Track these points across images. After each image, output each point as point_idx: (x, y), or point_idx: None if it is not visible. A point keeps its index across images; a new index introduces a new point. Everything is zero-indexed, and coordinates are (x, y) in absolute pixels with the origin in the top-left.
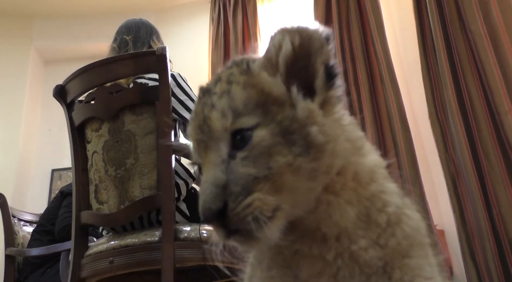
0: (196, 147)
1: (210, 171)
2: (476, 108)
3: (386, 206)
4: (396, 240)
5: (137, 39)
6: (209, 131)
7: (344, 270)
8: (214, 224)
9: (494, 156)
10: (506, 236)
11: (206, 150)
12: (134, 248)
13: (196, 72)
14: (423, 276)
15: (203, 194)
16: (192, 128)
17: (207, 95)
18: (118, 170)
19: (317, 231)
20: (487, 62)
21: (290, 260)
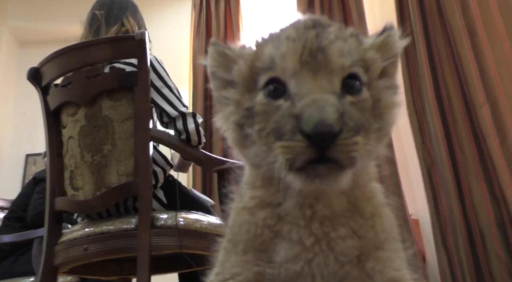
0: (293, 64)
1: (324, 94)
2: (452, 101)
3: (373, 198)
4: (375, 232)
5: (109, 15)
6: (324, 60)
7: (319, 257)
8: (318, 142)
9: (468, 148)
10: (477, 225)
11: (315, 74)
12: (110, 235)
13: (177, 58)
14: (393, 267)
15: (323, 109)
16: (295, 49)
17: (320, 27)
18: (95, 156)
19: (309, 209)
20: (464, 56)
21: (268, 243)
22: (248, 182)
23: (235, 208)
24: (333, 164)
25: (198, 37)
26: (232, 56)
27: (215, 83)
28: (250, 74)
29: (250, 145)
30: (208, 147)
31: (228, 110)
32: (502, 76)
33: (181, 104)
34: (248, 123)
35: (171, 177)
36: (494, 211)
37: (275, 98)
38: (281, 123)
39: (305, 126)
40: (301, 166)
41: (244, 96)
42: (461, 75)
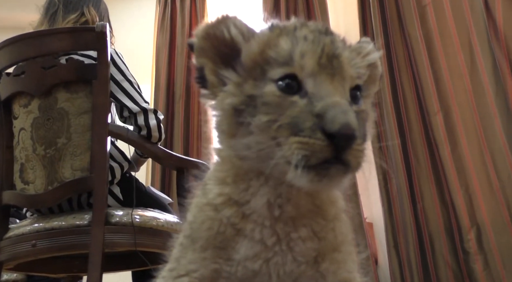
0: (313, 65)
1: (344, 100)
2: (409, 108)
3: (336, 202)
4: (334, 234)
5: (68, 1)
6: (339, 67)
7: (278, 256)
8: (340, 143)
9: (422, 154)
10: (427, 230)
11: (332, 78)
12: (61, 231)
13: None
14: (345, 269)
15: (348, 113)
16: (314, 51)
17: (332, 35)
18: (48, 149)
19: (278, 209)
20: (421, 65)
21: (229, 241)
22: (215, 177)
23: (197, 203)
24: (342, 166)
25: (162, 33)
26: (237, 35)
27: (204, 61)
28: (260, 60)
29: (242, 134)
30: (169, 144)
31: (226, 91)
32: (455, 86)
33: (142, 100)
34: (248, 112)
35: (128, 173)
36: (443, 216)
37: (289, 93)
38: (299, 119)
39: (330, 125)
40: (315, 164)
41: (247, 81)
42: (418, 84)
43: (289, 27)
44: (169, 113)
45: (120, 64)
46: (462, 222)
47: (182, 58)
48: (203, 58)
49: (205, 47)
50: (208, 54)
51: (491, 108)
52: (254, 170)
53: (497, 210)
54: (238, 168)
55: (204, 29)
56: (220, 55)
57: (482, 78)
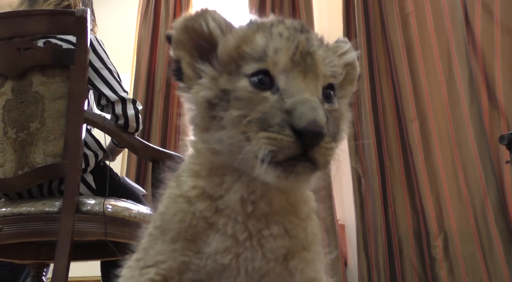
0: (285, 61)
1: (314, 97)
2: (387, 113)
3: (308, 201)
4: (305, 234)
5: None
6: (312, 64)
7: (248, 252)
8: (307, 140)
9: (396, 159)
10: (396, 233)
11: (305, 75)
12: (29, 217)
13: (122, 43)
14: (313, 268)
15: (316, 110)
16: (288, 47)
17: (307, 32)
18: (20, 132)
19: (251, 205)
20: (401, 72)
21: (201, 234)
22: (189, 170)
23: (170, 195)
24: (309, 163)
25: (145, 23)
26: (215, 29)
27: (181, 53)
28: (235, 54)
29: (215, 129)
30: (146, 135)
31: (201, 85)
32: (432, 95)
33: (121, 89)
34: (221, 106)
35: (102, 162)
36: (413, 221)
37: (261, 89)
38: (269, 115)
39: (298, 122)
40: (282, 160)
41: (222, 76)
42: (397, 90)
43: (266, 23)
44: (148, 104)
45: (100, 51)
46: (431, 228)
47: (164, 50)
48: (181, 50)
49: (183, 40)
50: (185, 47)
51: (465, 119)
52: (227, 164)
53: (465, 219)
54: (212, 162)
55: (183, 22)
56: (197, 49)
57: (458, 89)
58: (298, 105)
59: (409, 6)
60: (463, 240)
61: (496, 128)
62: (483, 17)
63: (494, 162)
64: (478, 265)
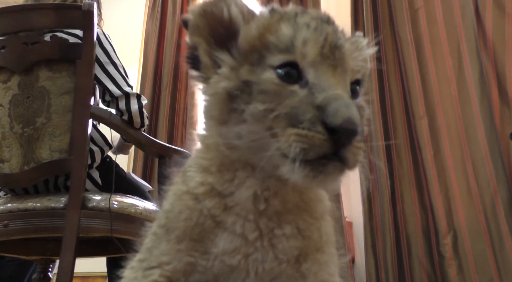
0: (315, 53)
1: (346, 94)
2: (395, 110)
3: (322, 200)
4: (319, 234)
5: None
6: (341, 58)
7: (258, 253)
8: (342, 138)
9: (405, 157)
10: (405, 231)
11: (334, 69)
12: (35, 213)
13: (129, 38)
14: (327, 271)
15: (351, 107)
16: (317, 39)
17: (334, 24)
18: (26, 127)
19: (264, 203)
20: (410, 68)
21: (208, 233)
22: (197, 165)
23: (176, 191)
24: (339, 163)
25: (152, 19)
26: (237, 15)
27: (198, 40)
28: (259, 44)
29: (234, 122)
30: (153, 131)
31: (220, 75)
32: (442, 91)
33: (126, 84)
34: (243, 98)
35: (108, 158)
36: (422, 219)
37: (288, 82)
38: (299, 110)
39: (332, 119)
40: (312, 158)
41: (243, 66)
42: (405, 87)
43: (290, 13)
44: (155, 100)
45: (107, 46)
46: (440, 226)
47: (171, 46)
48: (198, 37)
49: (200, 25)
50: (203, 33)
51: (475, 115)
52: (242, 160)
53: (474, 216)
54: (224, 157)
55: (202, 6)
56: (215, 36)
57: (468, 86)
58: (331, 101)
59: (418, 1)
60: (473, 238)
61: (506, 125)
62: (494, 11)
63: (504, 159)
64: (488, 263)
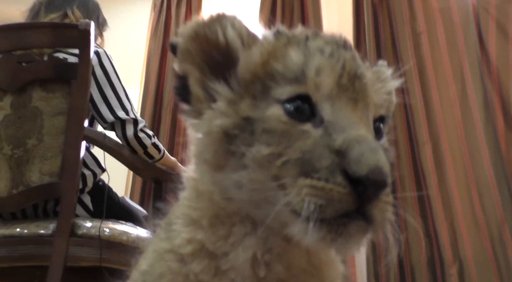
0: (331, 85)
1: (370, 135)
2: (398, 135)
3: (335, 263)
4: None
5: (51, 2)
6: (362, 91)
7: None
8: (368, 192)
9: (408, 183)
10: (409, 260)
11: (355, 104)
12: (21, 240)
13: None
14: None
15: (379, 153)
16: (333, 67)
17: (351, 49)
18: (16, 149)
19: (265, 267)
20: (413, 93)
21: None
22: (185, 216)
23: (157, 248)
24: (364, 221)
25: (155, 39)
26: (235, 39)
27: (189, 67)
28: (262, 73)
29: (232, 168)
30: None
31: (216, 110)
32: (445, 117)
33: (121, 108)
34: (243, 139)
35: (101, 181)
36: (426, 249)
37: (299, 120)
38: (313, 155)
39: (355, 168)
40: (330, 217)
41: (243, 99)
42: (408, 111)
43: (299, 35)
44: (155, 120)
45: (108, 67)
46: (445, 256)
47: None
48: (188, 64)
49: (192, 51)
50: (195, 59)
51: (480, 142)
52: (241, 214)
53: (481, 246)
54: (219, 208)
55: (193, 28)
56: (209, 63)
57: (473, 111)
58: (353, 144)
59: (421, 25)
60: (480, 269)
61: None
62: (498, 36)
63: (510, 186)
64: None
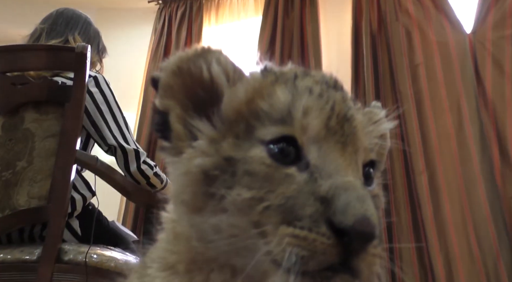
0: (319, 127)
1: (358, 180)
2: (394, 165)
3: None
4: None
5: (52, 28)
6: (352, 134)
7: None
8: (353, 244)
9: (404, 213)
10: None
11: (343, 148)
12: (4, 266)
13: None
14: None
15: (367, 202)
16: (322, 108)
17: (342, 90)
18: (4, 171)
19: None
20: (410, 123)
21: None
22: (161, 260)
23: None
24: (349, 276)
25: (154, 62)
26: (220, 75)
27: (170, 103)
28: (246, 111)
29: (210, 211)
30: None
31: (196, 148)
32: (442, 148)
33: (121, 137)
34: (223, 181)
35: (91, 205)
36: (421, 280)
37: (283, 163)
38: (296, 201)
39: (341, 217)
40: (313, 270)
41: (225, 138)
42: (405, 141)
43: (288, 73)
44: (151, 144)
45: (108, 94)
46: None
47: None
48: (170, 99)
49: (174, 86)
50: (177, 95)
51: (476, 174)
52: (220, 260)
53: (476, 279)
54: (197, 253)
55: (176, 62)
56: (192, 99)
57: (469, 143)
58: (340, 192)
59: (419, 57)
60: None
61: (508, 186)
62: (494, 70)
63: (507, 221)
64: None
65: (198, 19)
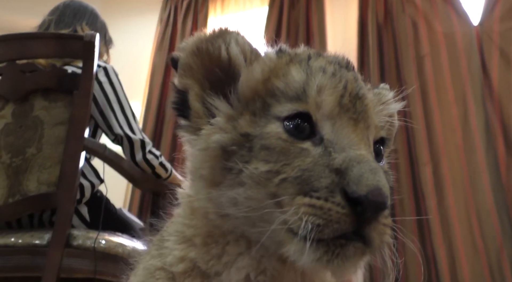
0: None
1: (370, 155)
2: (399, 156)
3: None
4: None
5: (60, 20)
6: (363, 111)
7: None
8: (367, 213)
9: (408, 204)
10: None
11: (355, 124)
12: (15, 250)
13: (135, 70)
14: None
15: (379, 173)
16: (335, 86)
17: (353, 71)
18: (15, 158)
19: None
20: (415, 115)
21: None
22: (178, 234)
23: (148, 266)
24: (361, 244)
25: (160, 52)
26: (238, 55)
27: (189, 82)
28: (263, 90)
29: (228, 184)
30: None
31: (214, 125)
32: (447, 139)
33: (128, 127)
34: (240, 156)
35: (99, 192)
36: (424, 271)
37: (298, 138)
38: (312, 173)
39: (355, 188)
40: (328, 237)
41: (242, 115)
42: (410, 133)
43: (302, 54)
44: (157, 133)
45: (116, 84)
46: (443, 279)
47: None
48: (189, 79)
49: (193, 66)
50: (195, 74)
51: (480, 165)
52: (236, 232)
53: (479, 271)
54: (213, 226)
55: (195, 42)
56: (210, 78)
57: (474, 135)
58: (353, 164)
59: (425, 48)
60: None
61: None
62: (500, 62)
63: (510, 212)
64: None
65: (204, 9)
